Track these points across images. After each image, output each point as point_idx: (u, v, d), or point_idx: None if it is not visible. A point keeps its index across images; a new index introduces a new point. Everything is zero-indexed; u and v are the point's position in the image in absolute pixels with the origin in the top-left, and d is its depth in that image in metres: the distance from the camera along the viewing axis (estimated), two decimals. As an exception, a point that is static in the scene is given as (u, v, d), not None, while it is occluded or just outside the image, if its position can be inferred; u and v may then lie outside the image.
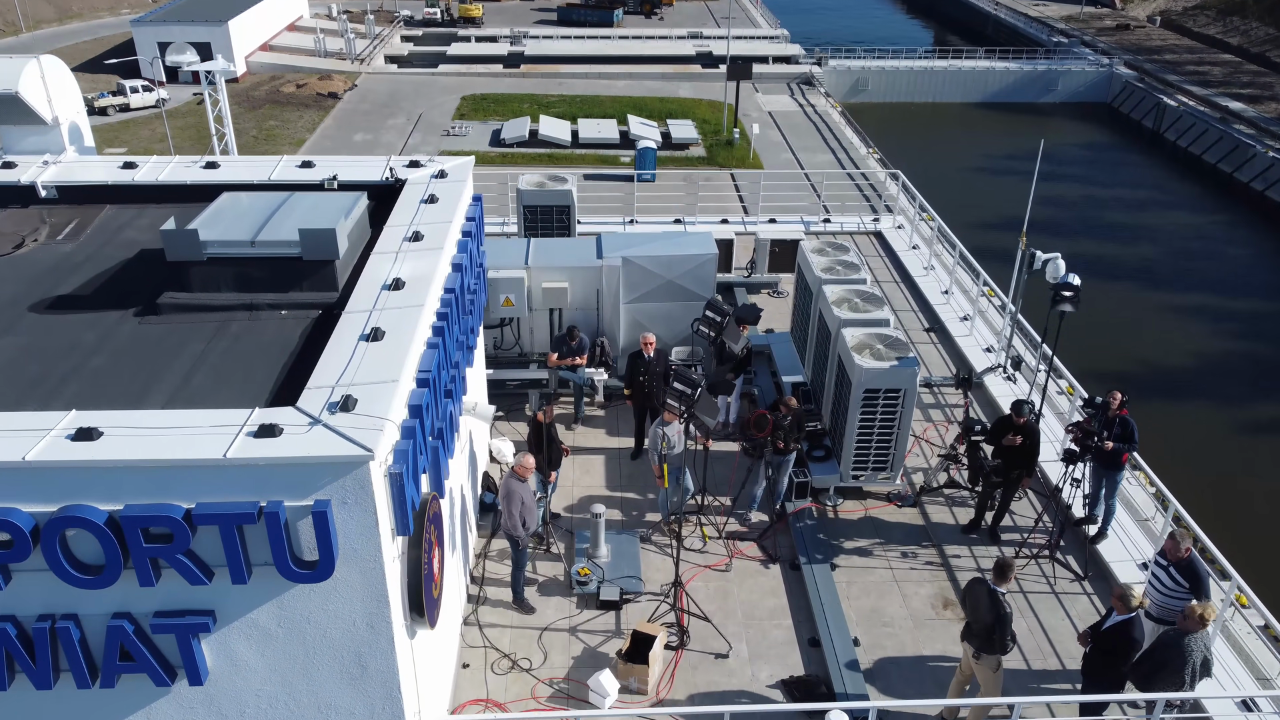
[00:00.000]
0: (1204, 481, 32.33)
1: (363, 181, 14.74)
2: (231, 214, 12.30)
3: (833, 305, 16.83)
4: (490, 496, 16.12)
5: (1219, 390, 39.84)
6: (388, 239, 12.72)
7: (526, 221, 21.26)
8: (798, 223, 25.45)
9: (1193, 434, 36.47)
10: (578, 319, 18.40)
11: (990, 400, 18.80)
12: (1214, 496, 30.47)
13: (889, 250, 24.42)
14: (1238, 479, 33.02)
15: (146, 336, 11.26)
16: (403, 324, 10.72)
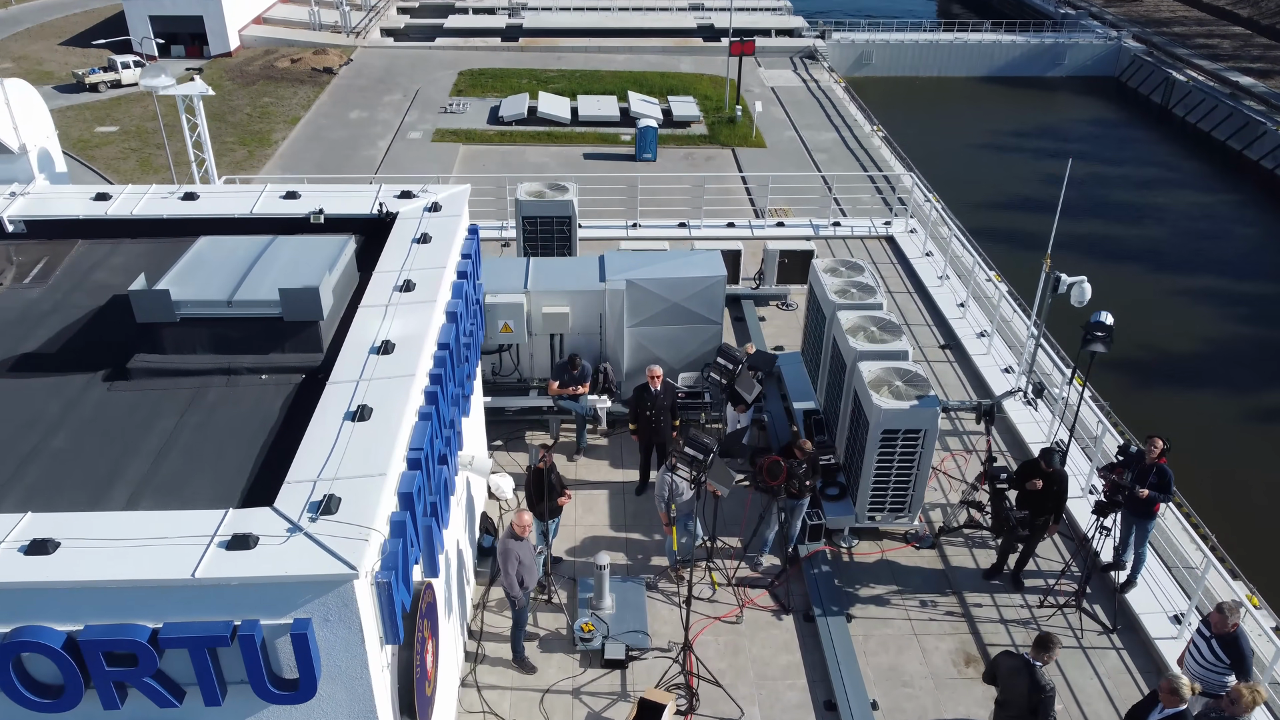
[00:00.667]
0: (1208, 472, 31.59)
1: (351, 215, 13.79)
2: (207, 267, 11.34)
3: (848, 334, 15.90)
4: (489, 539, 15.30)
5: (1225, 376, 38.99)
6: (377, 288, 11.79)
7: (525, 232, 20.27)
8: (806, 226, 24.44)
9: (1198, 422, 35.60)
10: (579, 344, 17.49)
11: (1010, 427, 17.93)
12: (1219, 488, 29.66)
13: (901, 257, 23.45)
14: (1244, 470, 32.17)
15: (115, 407, 10.35)
16: (392, 398, 9.83)
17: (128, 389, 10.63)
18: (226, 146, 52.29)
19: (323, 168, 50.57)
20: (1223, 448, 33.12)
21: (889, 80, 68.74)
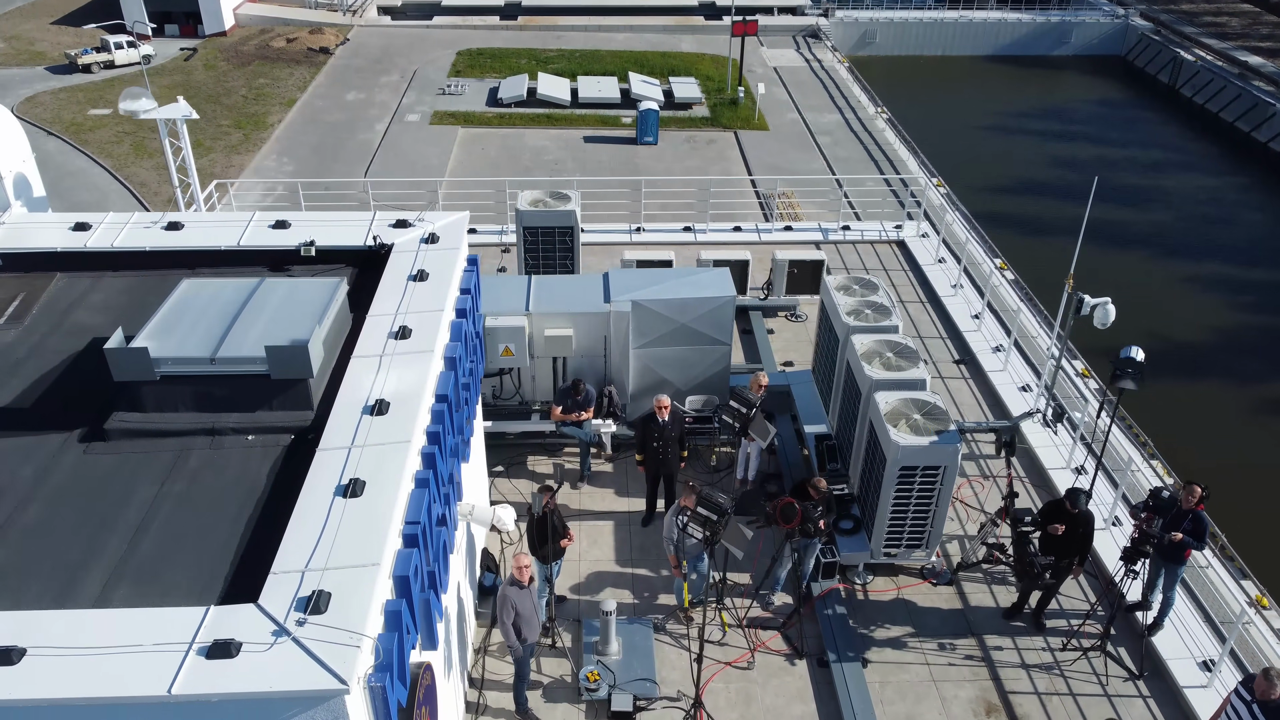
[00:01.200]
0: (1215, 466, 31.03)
1: (343, 248, 13.06)
2: (189, 316, 10.61)
3: (863, 360, 15.20)
4: (490, 578, 14.68)
5: (1232, 367, 38.32)
6: (371, 335, 11.07)
7: (526, 242, 19.51)
8: (815, 230, 23.64)
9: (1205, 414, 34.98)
10: (583, 366, 16.79)
11: (1028, 450, 17.25)
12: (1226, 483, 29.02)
13: (913, 263, 22.68)
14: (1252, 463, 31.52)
15: (92, 472, 9.67)
16: (386, 469, 9.15)
17: (105, 451, 9.93)
18: (222, 130, 51.33)
19: (319, 152, 49.66)
20: (1230, 440, 32.48)
21: (893, 59, 67.56)
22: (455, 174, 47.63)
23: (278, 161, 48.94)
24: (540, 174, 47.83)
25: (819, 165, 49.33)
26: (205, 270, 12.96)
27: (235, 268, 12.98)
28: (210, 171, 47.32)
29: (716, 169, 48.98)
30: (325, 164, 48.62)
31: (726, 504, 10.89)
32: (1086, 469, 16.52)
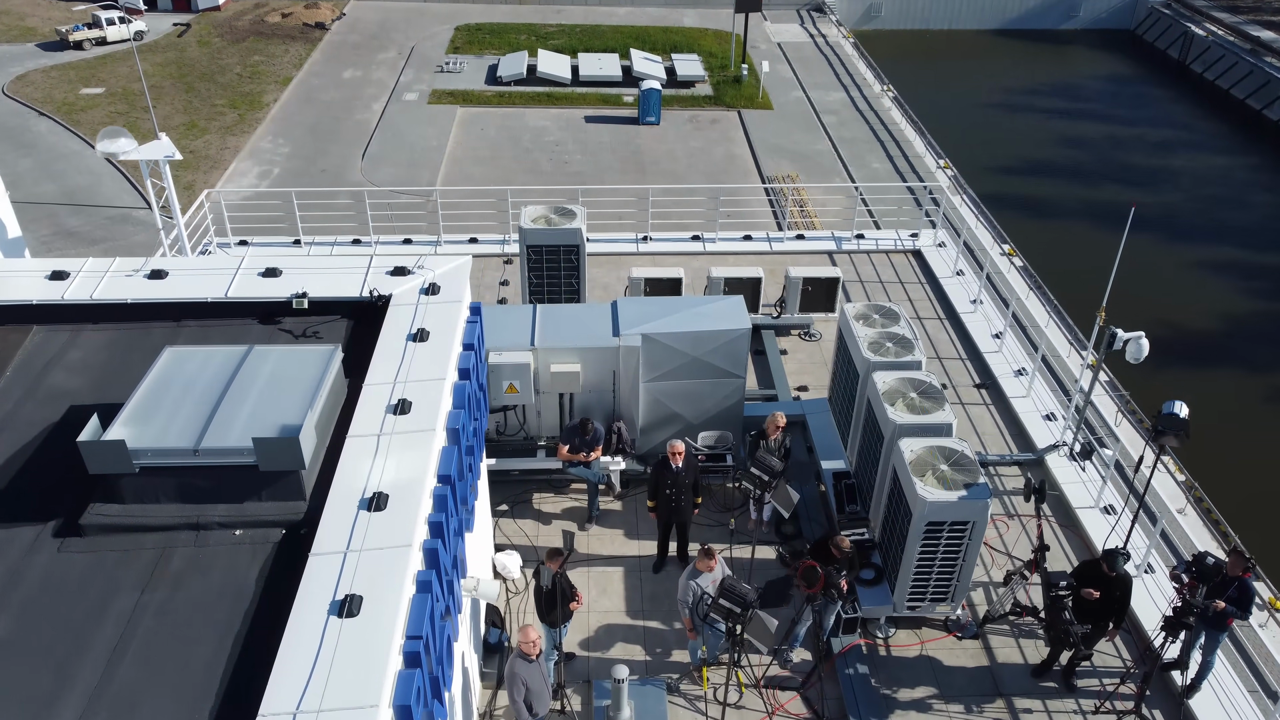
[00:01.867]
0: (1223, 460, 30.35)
1: (338, 299, 12.19)
2: (170, 397, 9.75)
3: (885, 401, 14.37)
4: (495, 634, 13.94)
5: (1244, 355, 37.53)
6: (368, 409, 10.23)
7: (530, 261, 18.61)
8: (828, 239, 22.70)
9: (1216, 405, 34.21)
10: (590, 400, 15.97)
11: (1051, 481, 16.47)
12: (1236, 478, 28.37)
13: (929, 275, 21.74)
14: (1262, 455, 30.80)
15: (65, 577, 8.85)
16: (385, 578, 8.36)
17: (81, 549, 9.12)
18: (217, 110, 50.15)
19: (316, 132, 48.51)
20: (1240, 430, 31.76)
21: (898, 33, 66.18)
22: (454, 156, 46.55)
23: (273, 143, 47.83)
24: (541, 156, 46.76)
25: (824, 147, 48.24)
26: (190, 323, 12.12)
27: (223, 320, 12.14)
28: (206, 153, 46.29)
29: (720, 150, 47.90)
30: (322, 145, 47.53)
31: (751, 596, 10.11)
32: (1115, 509, 15.76)
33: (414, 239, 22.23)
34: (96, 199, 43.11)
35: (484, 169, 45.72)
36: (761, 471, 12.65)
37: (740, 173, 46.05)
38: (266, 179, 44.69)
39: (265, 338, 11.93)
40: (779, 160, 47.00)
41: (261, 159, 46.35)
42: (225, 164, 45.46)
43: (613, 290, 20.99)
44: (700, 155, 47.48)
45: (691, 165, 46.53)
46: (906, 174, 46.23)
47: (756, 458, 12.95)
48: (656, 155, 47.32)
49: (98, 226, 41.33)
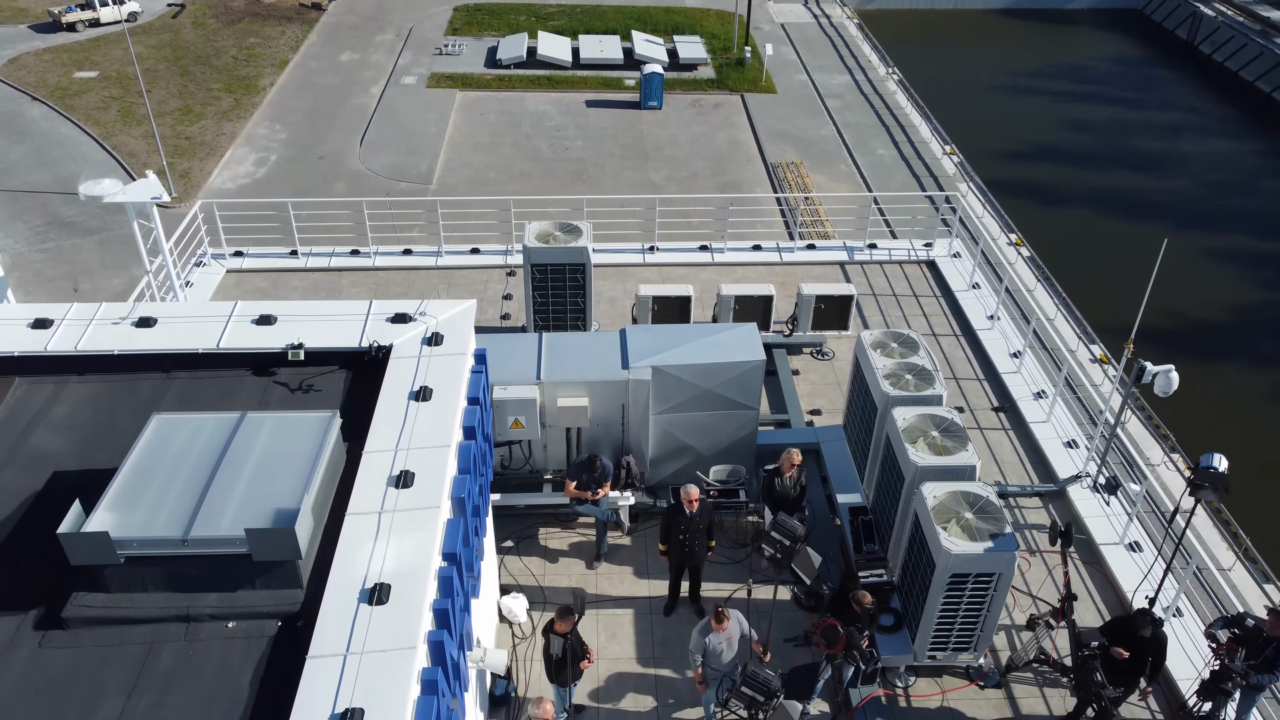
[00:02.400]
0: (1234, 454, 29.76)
1: (335, 349, 11.53)
2: (158, 475, 9.12)
3: (906, 440, 13.75)
4: (502, 685, 13.37)
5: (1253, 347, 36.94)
6: (368, 481, 9.60)
7: (534, 281, 17.92)
8: (840, 249, 21.96)
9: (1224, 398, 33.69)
10: (598, 434, 15.34)
11: (1073, 515, 15.88)
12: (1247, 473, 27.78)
13: (944, 287, 21.00)
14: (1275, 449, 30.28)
15: (45, 677, 8.25)
16: (388, 685, 7.77)
17: (64, 644, 8.52)
18: (213, 94, 49.21)
19: (313, 118, 47.62)
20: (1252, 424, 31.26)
21: (903, 13, 65.07)
22: (454, 142, 45.72)
23: (270, 129, 46.97)
24: (541, 142, 45.91)
25: (829, 132, 47.40)
26: (181, 375, 11.46)
27: (215, 370, 11.49)
28: (202, 139, 45.42)
29: (723, 136, 47.05)
30: (319, 131, 46.67)
31: (775, 684, 9.53)
32: (1141, 545, 15.18)
33: (414, 249, 21.51)
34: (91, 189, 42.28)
35: (484, 156, 44.89)
36: (783, 536, 12.03)
37: (743, 159, 45.24)
38: (263, 166, 43.88)
39: (259, 391, 11.29)
40: (783, 146, 46.16)
41: (258, 145, 45.50)
42: (221, 151, 44.61)
43: (619, 305, 20.32)
44: (703, 141, 46.64)
45: (694, 151, 45.71)
46: (912, 160, 45.43)
47: (777, 521, 12.31)
48: (659, 141, 46.47)
49: (92, 216, 40.53)
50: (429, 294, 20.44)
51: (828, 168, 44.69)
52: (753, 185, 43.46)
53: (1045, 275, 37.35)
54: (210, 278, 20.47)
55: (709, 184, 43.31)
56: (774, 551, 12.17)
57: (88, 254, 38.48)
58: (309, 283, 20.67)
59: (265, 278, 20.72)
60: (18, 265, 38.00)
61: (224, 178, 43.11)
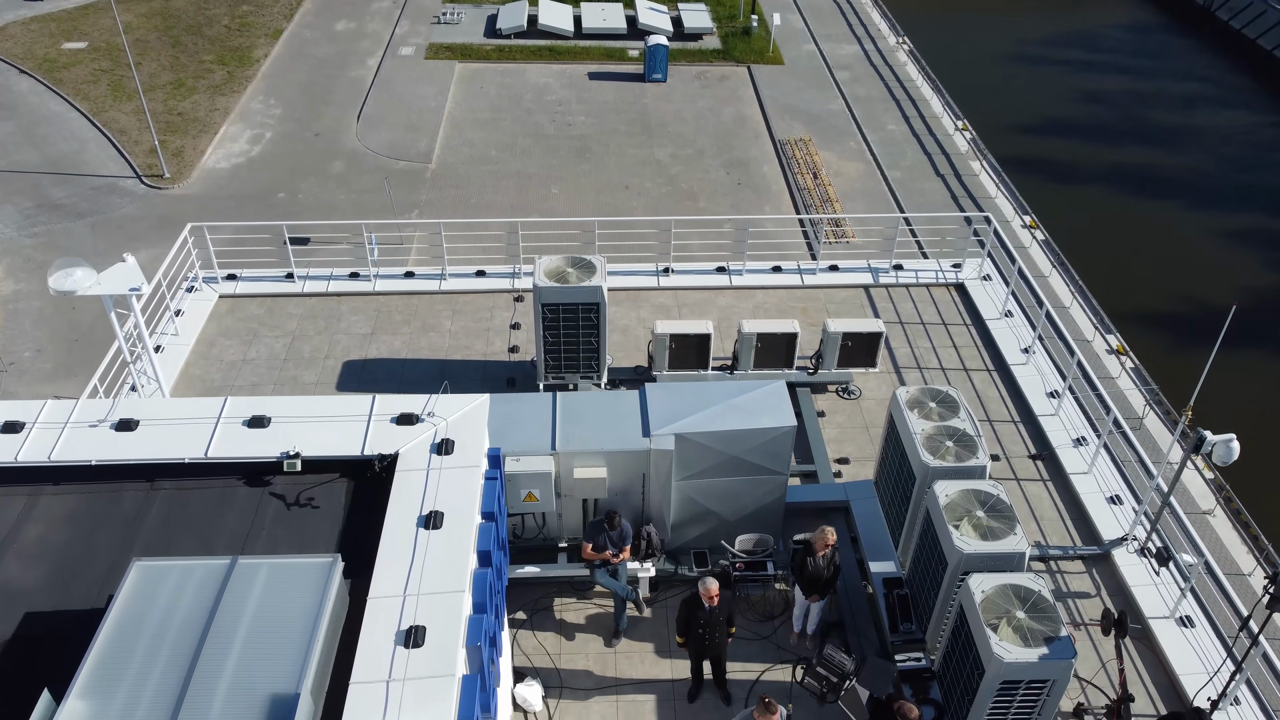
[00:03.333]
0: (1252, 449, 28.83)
1: (335, 458, 10.39)
2: (134, 656, 8.01)
3: (949, 521, 12.70)
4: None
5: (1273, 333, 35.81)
6: (375, 637, 8.52)
7: (545, 321, 16.73)
8: (864, 269, 20.67)
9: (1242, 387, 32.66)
10: (617, 501, 14.25)
11: (1119, 583, 14.85)
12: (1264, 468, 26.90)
13: (975, 314, 19.72)
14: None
15: None
16: None
17: None
18: (205, 67, 47.45)
19: (308, 92, 45.94)
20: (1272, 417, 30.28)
21: (912, -24, 62.90)
22: (453, 118, 44.14)
23: (264, 104, 45.31)
24: (543, 117, 44.32)
25: (837, 106, 45.81)
26: (166, 485, 10.34)
27: (204, 479, 10.36)
28: (194, 115, 43.82)
29: (730, 111, 45.46)
30: (315, 106, 45.02)
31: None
32: (1193, 620, 14.17)
33: (416, 271, 20.24)
34: (81, 167, 40.77)
35: (484, 132, 43.31)
36: (830, 673, 11.00)
37: (750, 135, 43.68)
38: (258, 144, 42.31)
39: (253, 504, 10.17)
40: (791, 122, 44.59)
41: (252, 122, 43.88)
42: (215, 128, 43.00)
43: (631, 334, 19.13)
44: (709, 116, 45.03)
45: (700, 128, 44.12)
46: (923, 136, 43.88)
47: (824, 655, 11.26)
48: (663, 116, 44.88)
49: (83, 198, 39.08)
50: (432, 322, 19.23)
51: (837, 144, 43.19)
52: (760, 163, 42.00)
53: (1060, 261, 36.17)
54: (202, 305, 19.23)
55: (715, 162, 41.85)
56: (821, 688, 11.14)
57: (80, 239, 37.10)
58: (306, 309, 19.43)
59: (260, 304, 19.49)
60: (7, 251, 36.67)
61: (218, 156, 41.58)
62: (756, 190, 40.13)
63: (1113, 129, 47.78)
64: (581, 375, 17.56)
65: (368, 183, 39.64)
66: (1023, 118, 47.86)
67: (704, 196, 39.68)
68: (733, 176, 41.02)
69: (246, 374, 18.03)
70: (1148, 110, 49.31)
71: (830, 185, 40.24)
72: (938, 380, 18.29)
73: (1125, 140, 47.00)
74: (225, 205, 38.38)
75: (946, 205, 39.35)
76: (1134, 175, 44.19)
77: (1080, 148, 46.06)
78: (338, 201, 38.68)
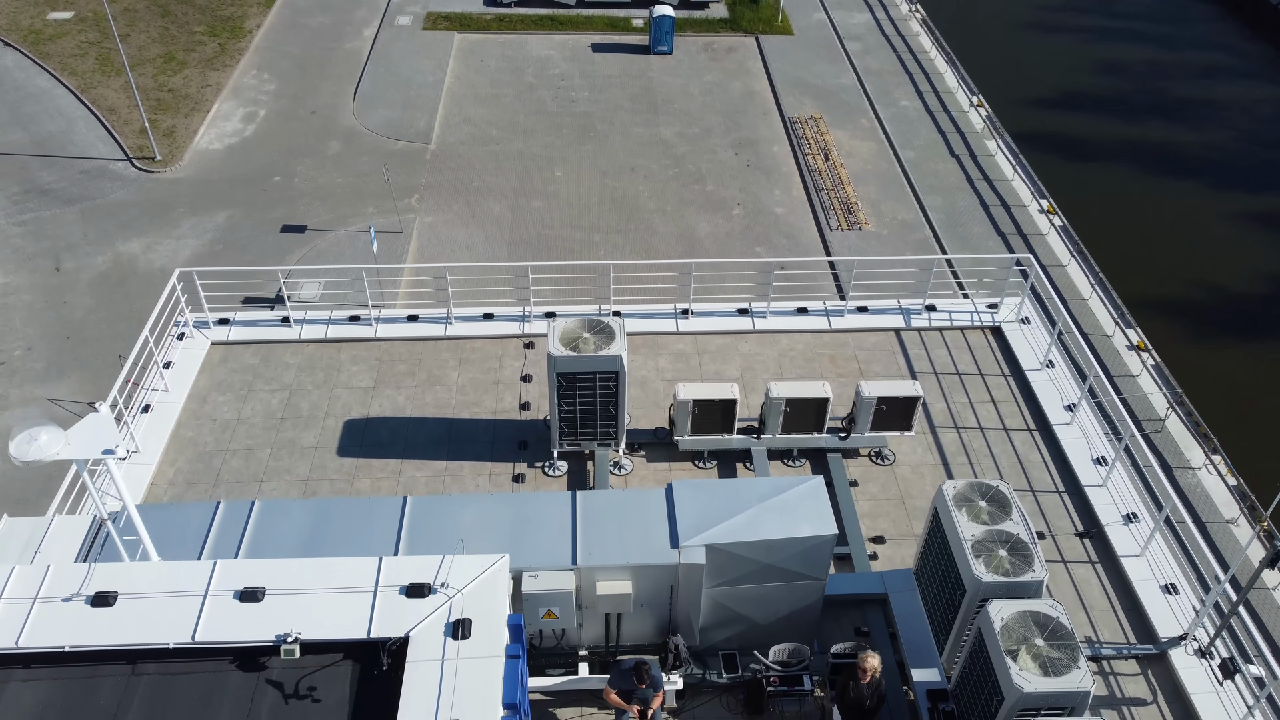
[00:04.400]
0: None
1: (338, 640, 9.17)
2: None
3: (1004, 649, 11.54)
4: None
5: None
6: None
7: (561, 390, 15.42)
8: (894, 310, 19.26)
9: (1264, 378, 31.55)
10: (643, 615, 13.09)
11: (1176, 687, 13.75)
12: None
13: (1013, 363, 18.27)
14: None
15: None
16: None
17: None
18: (196, 39, 45.46)
19: (303, 66, 44.06)
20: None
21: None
22: (453, 93, 42.39)
23: (258, 78, 43.47)
24: (545, 93, 42.59)
25: (849, 80, 44.05)
26: (149, 669, 9.13)
27: (191, 662, 9.16)
28: (186, 92, 42.02)
29: (737, 85, 43.67)
30: (310, 81, 43.22)
31: None
32: (1261, 738, 13.10)
33: (420, 314, 18.82)
34: (70, 149, 39.06)
35: (485, 109, 41.55)
36: None
37: (759, 112, 41.94)
38: (251, 123, 40.56)
39: (246, 695, 8.97)
40: (801, 98, 42.82)
41: (245, 98, 42.06)
42: (207, 105, 41.21)
43: (650, 388, 17.80)
44: (716, 91, 43.24)
45: (707, 104, 42.36)
46: (937, 113, 42.17)
47: None
48: (669, 92, 43.08)
49: (73, 182, 37.44)
50: (438, 373, 17.90)
51: (848, 122, 41.49)
52: (769, 143, 40.34)
53: (1079, 250, 34.76)
54: (193, 355, 17.84)
55: (723, 141, 40.19)
56: None
57: (69, 226, 35.55)
58: (303, 359, 18.05)
59: (254, 352, 18.11)
60: (-6, 241, 35.15)
61: (210, 136, 39.87)
62: (766, 172, 38.53)
63: (1131, 101, 46.01)
64: (599, 442, 16.30)
65: (365, 164, 38.03)
66: (1038, 90, 46.05)
67: (712, 179, 38.09)
68: (741, 157, 39.39)
69: (241, 436, 16.74)
70: (1168, 81, 47.48)
71: (842, 166, 38.64)
72: (975, 441, 17.03)
73: (1144, 114, 45.28)
74: (219, 189, 36.79)
75: (961, 187, 37.80)
76: (1153, 152, 42.55)
77: (1097, 122, 44.35)
78: (335, 185, 37.08)
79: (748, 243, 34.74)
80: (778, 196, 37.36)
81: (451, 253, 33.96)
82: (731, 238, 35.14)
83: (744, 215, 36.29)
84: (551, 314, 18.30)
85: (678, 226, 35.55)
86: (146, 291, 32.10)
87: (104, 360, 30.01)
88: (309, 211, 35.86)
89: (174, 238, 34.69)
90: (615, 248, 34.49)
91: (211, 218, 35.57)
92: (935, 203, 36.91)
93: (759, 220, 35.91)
